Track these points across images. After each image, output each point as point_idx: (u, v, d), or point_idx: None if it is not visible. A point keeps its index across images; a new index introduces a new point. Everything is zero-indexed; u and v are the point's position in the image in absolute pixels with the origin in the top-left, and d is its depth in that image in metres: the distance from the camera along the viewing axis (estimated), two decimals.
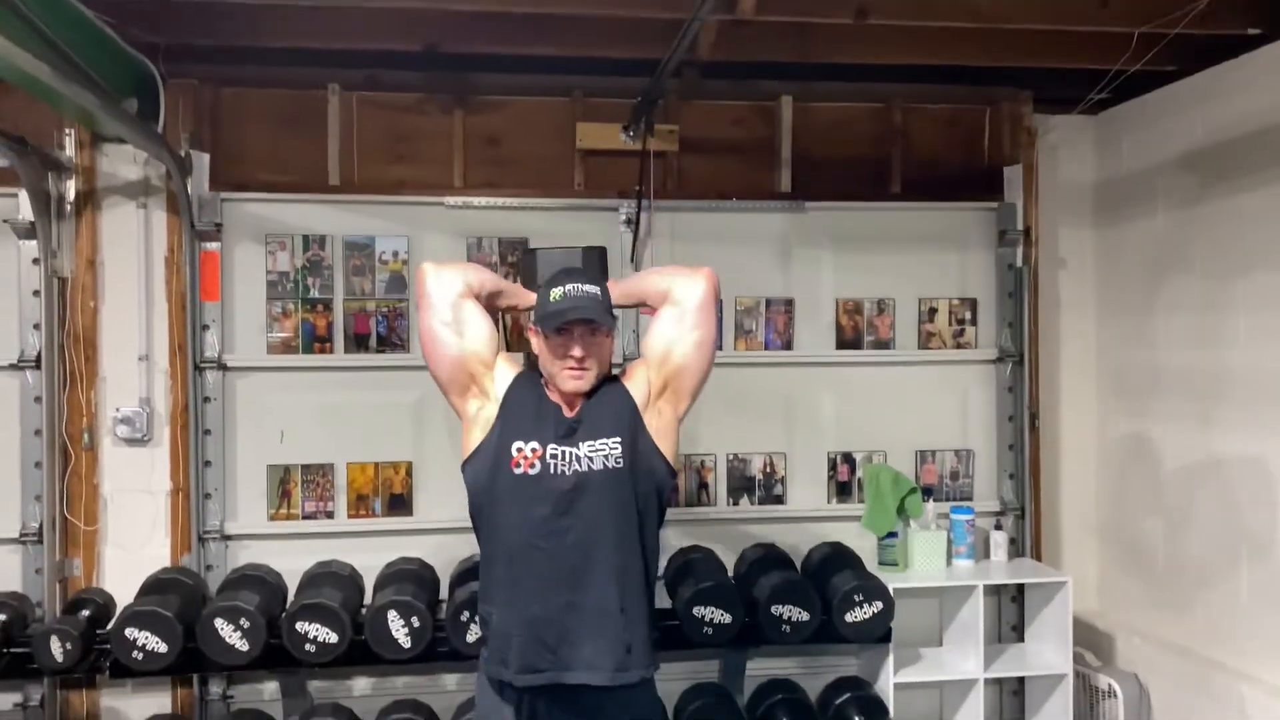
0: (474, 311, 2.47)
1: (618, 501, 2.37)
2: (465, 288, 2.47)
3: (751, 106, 4.06)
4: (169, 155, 3.47)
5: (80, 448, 3.64)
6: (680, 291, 2.50)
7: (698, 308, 2.48)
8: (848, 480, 4.07)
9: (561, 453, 2.37)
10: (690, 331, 2.47)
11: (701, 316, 2.48)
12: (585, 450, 2.37)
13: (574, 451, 2.37)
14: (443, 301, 2.45)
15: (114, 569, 3.67)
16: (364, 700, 3.67)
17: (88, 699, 3.64)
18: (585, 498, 2.35)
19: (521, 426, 2.40)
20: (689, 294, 2.49)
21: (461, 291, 2.46)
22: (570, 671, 2.32)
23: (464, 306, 2.46)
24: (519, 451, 2.37)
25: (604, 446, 2.38)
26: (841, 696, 3.64)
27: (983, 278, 4.15)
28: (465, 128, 3.88)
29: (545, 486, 2.35)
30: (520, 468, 2.37)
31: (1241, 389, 3.49)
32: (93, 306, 3.66)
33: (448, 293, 2.45)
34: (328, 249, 3.79)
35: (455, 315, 2.44)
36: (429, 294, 2.46)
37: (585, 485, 2.35)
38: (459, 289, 2.46)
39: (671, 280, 2.53)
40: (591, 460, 2.36)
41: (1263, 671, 3.36)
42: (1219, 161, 3.59)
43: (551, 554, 2.34)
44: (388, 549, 3.71)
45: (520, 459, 2.37)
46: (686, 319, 2.48)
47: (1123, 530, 4.13)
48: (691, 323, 2.48)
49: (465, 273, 2.53)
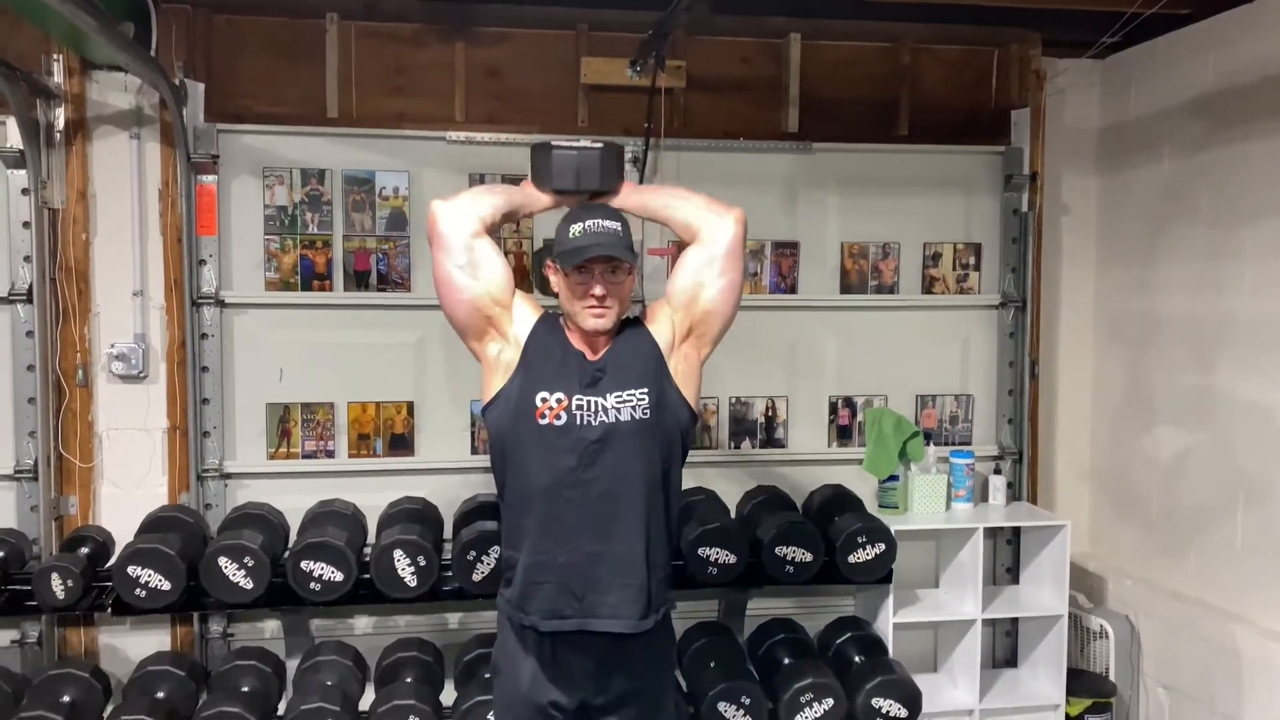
0: (488, 251, 2.39)
1: (645, 452, 2.34)
2: (479, 224, 2.38)
3: (759, 44, 3.98)
4: (164, 82, 3.35)
5: (74, 384, 3.57)
6: (711, 232, 2.42)
7: (728, 252, 2.41)
8: (848, 424, 4.08)
9: (588, 403, 2.32)
10: (719, 277, 2.40)
11: (730, 261, 2.41)
12: (612, 401, 2.32)
13: (600, 402, 2.32)
14: (456, 243, 2.35)
15: (111, 507, 3.62)
16: (366, 639, 3.68)
17: (86, 636, 3.62)
18: (612, 449, 2.31)
19: (545, 375, 2.35)
20: (719, 236, 2.41)
21: (475, 230, 2.37)
22: (595, 619, 2.32)
23: (478, 247, 2.37)
24: (544, 402, 2.32)
25: (631, 397, 2.33)
26: (842, 636, 3.69)
27: (987, 223, 4.13)
28: (467, 60, 3.78)
29: (572, 437, 2.31)
30: (545, 418, 2.32)
31: (1245, 336, 3.51)
32: (85, 239, 3.56)
33: (461, 233, 2.36)
34: (326, 184, 3.70)
35: (469, 257, 2.35)
36: (442, 235, 2.37)
37: (612, 436, 2.31)
38: (472, 227, 2.37)
39: (701, 217, 2.44)
40: (619, 411, 2.32)
41: (1257, 614, 3.42)
42: (1229, 107, 3.57)
43: (579, 504, 2.31)
44: (389, 489, 3.69)
45: (545, 409, 2.32)
46: (715, 263, 2.40)
47: (1117, 475, 4.18)
48: (720, 268, 2.40)
49: (476, 205, 2.42)
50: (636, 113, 3.73)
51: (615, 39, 3.80)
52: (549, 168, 2.53)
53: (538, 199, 2.56)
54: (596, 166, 2.52)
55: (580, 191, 2.53)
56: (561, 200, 2.56)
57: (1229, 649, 3.46)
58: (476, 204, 2.43)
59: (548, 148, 2.54)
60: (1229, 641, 3.47)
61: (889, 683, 3.37)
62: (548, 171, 2.54)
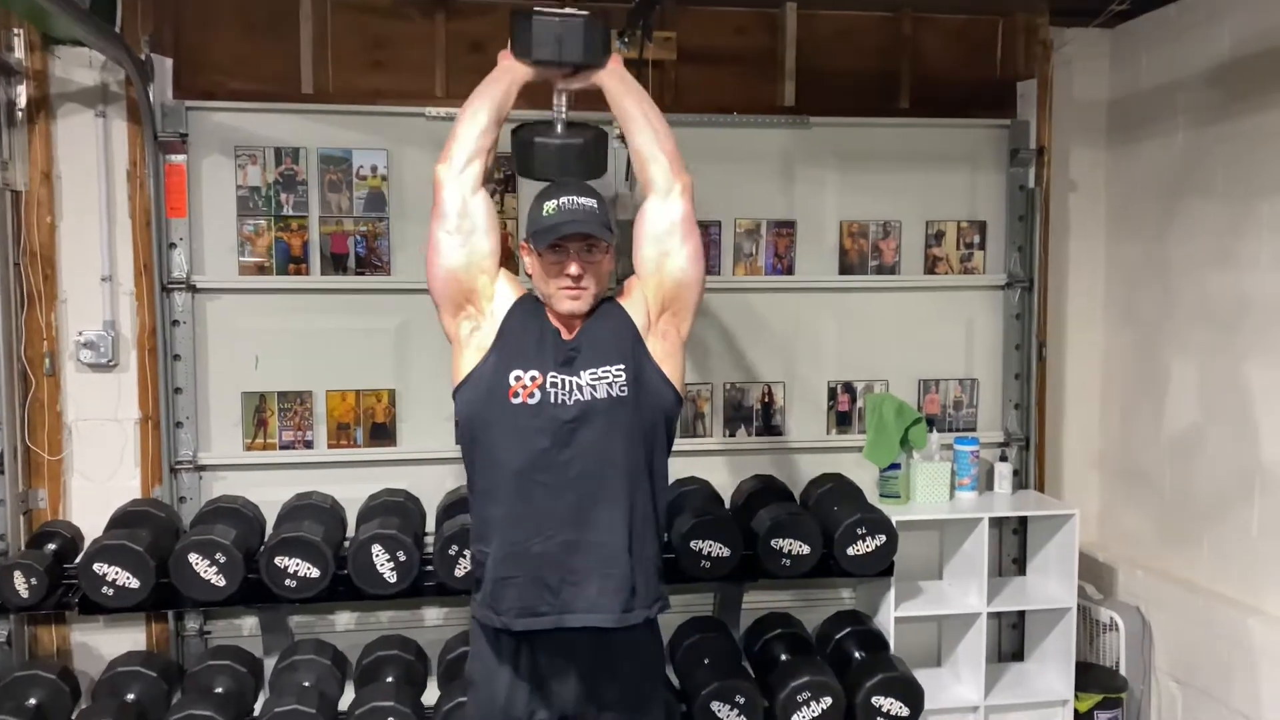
0: (481, 215, 2.27)
1: (624, 432, 2.22)
2: (475, 179, 2.27)
3: (754, 14, 3.81)
4: (129, 58, 3.20)
5: (41, 373, 3.43)
6: (658, 196, 2.31)
7: (682, 220, 2.31)
8: (848, 410, 3.93)
9: (562, 381, 2.21)
10: (682, 244, 2.31)
11: (689, 225, 2.32)
12: (587, 378, 2.21)
13: (575, 380, 2.21)
14: (452, 208, 2.25)
15: (81, 501, 3.49)
16: (347, 635, 3.56)
17: (57, 634, 3.49)
18: (588, 428, 2.19)
19: (521, 353, 2.23)
20: (669, 206, 2.31)
21: (473, 186, 2.26)
22: (573, 614, 2.18)
23: (472, 209, 2.26)
24: (517, 380, 2.21)
25: (607, 374, 2.22)
26: (841, 631, 3.56)
27: (992, 200, 3.97)
28: (448, 33, 3.63)
29: (546, 416, 2.19)
30: (519, 397, 2.20)
31: (1262, 315, 3.36)
32: (50, 222, 3.42)
33: (457, 197, 2.25)
34: (301, 163, 3.55)
35: (460, 223, 2.25)
36: (443, 201, 2.27)
37: (588, 415, 2.19)
38: (471, 184, 2.26)
39: (654, 169, 2.32)
40: (594, 389, 2.20)
41: (1273, 605, 3.29)
42: (1246, 76, 3.40)
43: (553, 489, 2.18)
44: (370, 480, 3.56)
45: (519, 388, 2.20)
46: (675, 232, 2.31)
47: (1127, 462, 4.03)
48: (681, 234, 2.31)
49: (469, 143, 2.26)
50: None
51: (603, 9, 3.62)
52: (529, 35, 2.38)
53: (517, 73, 2.39)
54: (580, 34, 2.38)
55: (562, 63, 2.39)
56: (542, 72, 2.42)
57: (1244, 641, 3.33)
58: (469, 145, 2.28)
59: (529, 13, 2.39)
60: (1244, 634, 3.33)
61: (890, 680, 3.24)
62: (528, 40, 2.38)
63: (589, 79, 2.42)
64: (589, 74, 2.42)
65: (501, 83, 2.37)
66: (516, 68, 2.39)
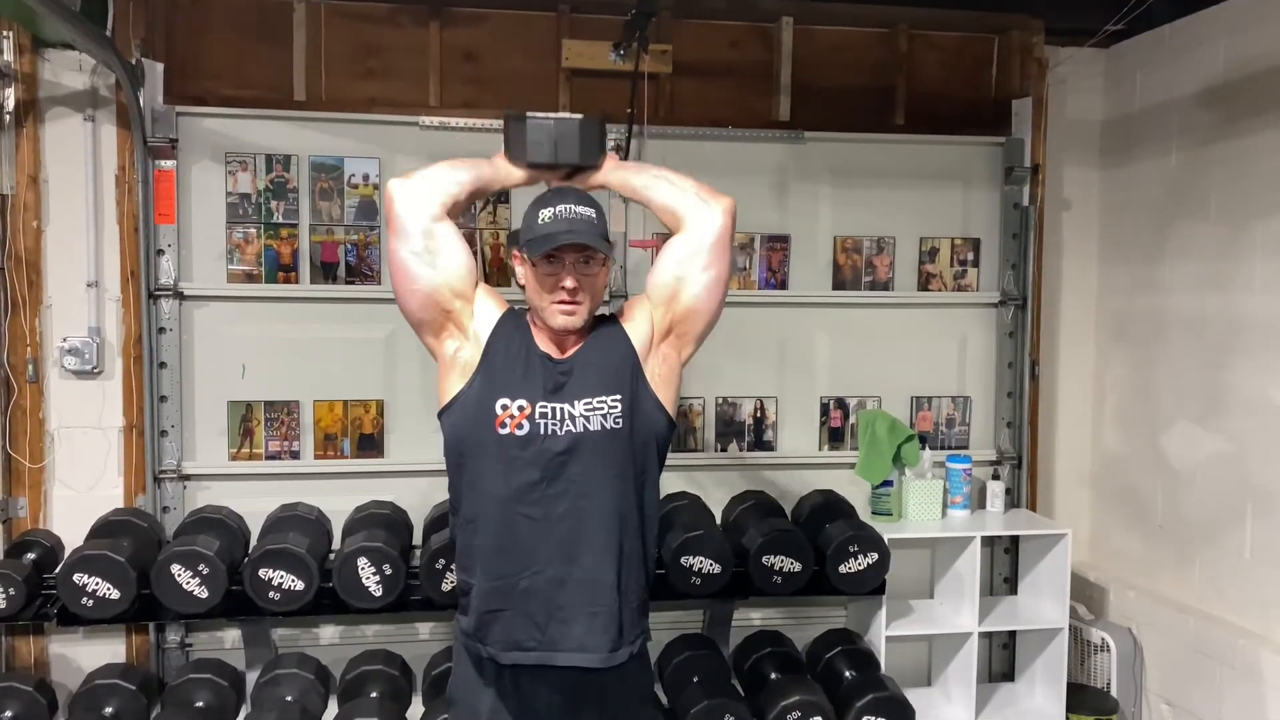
0: (450, 238, 2.14)
1: (615, 464, 2.11)
2: (439, 207, 2.13)
3: (750, 28, 3.81)
4: (119, 61, 3.17)
5: (24, 379, 3.39)
6: (696, 220, 2.18)
7: (715, 243, 2.17)
8: (840, 426, 3.91)
9: (553, 410, 2.09)
10: (703, 271, 2.17)
11: (718, 254, 2.17)
12: (580, 409, 2.09)
13: (567, 409, 2.09)
14: (413, 228, 2.10)
15: (63, 510, 3.44)
16: (332, 649, 3.52)
17: (35, 646, 3.44)
18: (579, 461, 2.08)
19: (508, 380, 2.12)
20: (706, 225, 2.17)
21: (435, 213, 2.12)
22: (560, 652, 2.09)
23: (438, 232, 2.12)
24: (504, 409, 2.09)
25: (602, 405, 2.10)
26: (832, 650, 3.52)
27: (986, 217, 3.96)
28: (442, 42, 3.61)
29: (535, 449, 2.08)
30: (506, 427, 2.08)
31: (1255, 337, 3.35)
32: (36, 227, 3.38)
33: (419, 217, 2.10)
34: (292, 170, 3.52)
35: (427, 244, 2.11)
36: (397, 219, 2.11)
37: (579, 447, 2.08)
38: (432, 210, 2.12)
39: (687, 203, 2.20)
40: (588, 420, 2.09)
41: (1266, 628, 3.27)
42: (1241, 97, 3.41)
43: (541, 523, 2.08)
44: (357, 492, 3.52)
45: (506, 418, 2.09)
46: (700, 256, 2.16)
47: (1119, 482, 4.02)
48: (705, 260, 2.16)
49: (439, 183, 2.15)
50: (620, 99, 3.53)
51: (598, 21, 3.63)
52: (523, 138, 2.29)
53: (510, 174, 2.31)
54: (575, 137, 2.28)
55: (558, 165, 2.30)
56: (537, 175, 2.33)
57: (1236, 663, 3.31)
58: (439, 182, 2.17)
59: (522, 116, 2.30)
60: (1236, 656, 3.31)
61: (881, 700, 3.21)
62: (522, 143, 2.29)
63: (586, 181, 2.32)
64: (586, 176, 2.32)
65: (489, 171, 2.27)
66: (511, 170, 2.30)
